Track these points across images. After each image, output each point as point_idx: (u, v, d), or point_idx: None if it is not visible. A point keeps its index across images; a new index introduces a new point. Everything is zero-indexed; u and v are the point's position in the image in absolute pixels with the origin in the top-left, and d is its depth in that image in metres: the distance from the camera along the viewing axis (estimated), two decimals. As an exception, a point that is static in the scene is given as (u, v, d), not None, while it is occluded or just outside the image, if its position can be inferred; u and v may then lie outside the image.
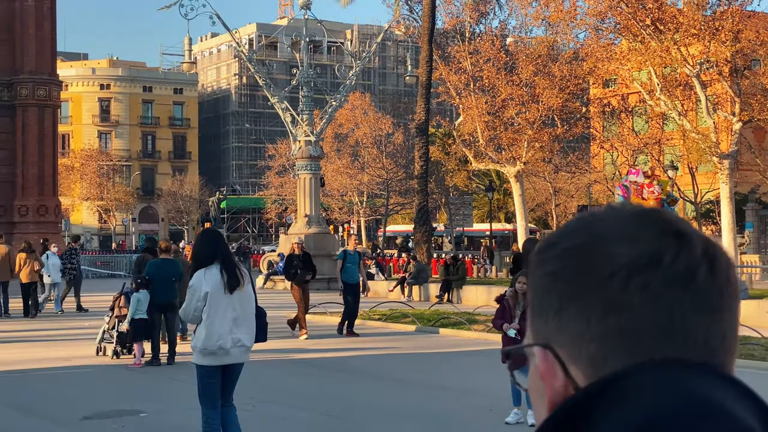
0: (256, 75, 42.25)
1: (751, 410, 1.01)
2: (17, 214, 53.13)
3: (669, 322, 1.04)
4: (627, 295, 1.04)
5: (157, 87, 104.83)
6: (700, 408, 0.98)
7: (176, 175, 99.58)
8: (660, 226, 1.08)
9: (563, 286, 1.08)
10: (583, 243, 1.09)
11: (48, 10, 53.94)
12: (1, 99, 53.48)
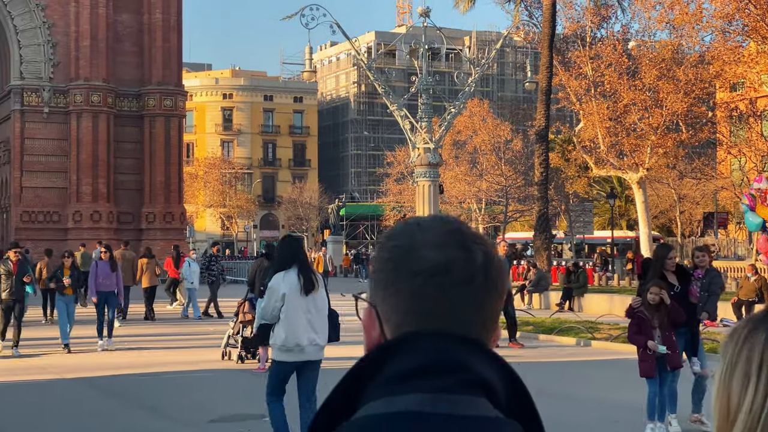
0: (375, 83, 42.50)
1: (494, 370, 1.56)
2: (144, 221, 54.71)
3: (449, 310, 1.57)
4: (426, 288, 1.56)
5: (277, 96, 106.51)
6: (447, 360, 1.52)
7: (296, 183, 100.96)
8: (458, 240, 1.60)
9: (389, 272, 1.60)
10: (405, 245, 1.60)
11: (175, 23, 55.43)
12: (129, 109, 55.18)
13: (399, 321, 1.60)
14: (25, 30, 53.07)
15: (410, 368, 1.52)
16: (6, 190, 56.01)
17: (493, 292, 1.62)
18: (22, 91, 53.10)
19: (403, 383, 1.51)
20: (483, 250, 1.62)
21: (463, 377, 1.53)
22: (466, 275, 1.58)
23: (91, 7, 53.09)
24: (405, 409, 1.48)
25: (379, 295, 1.63)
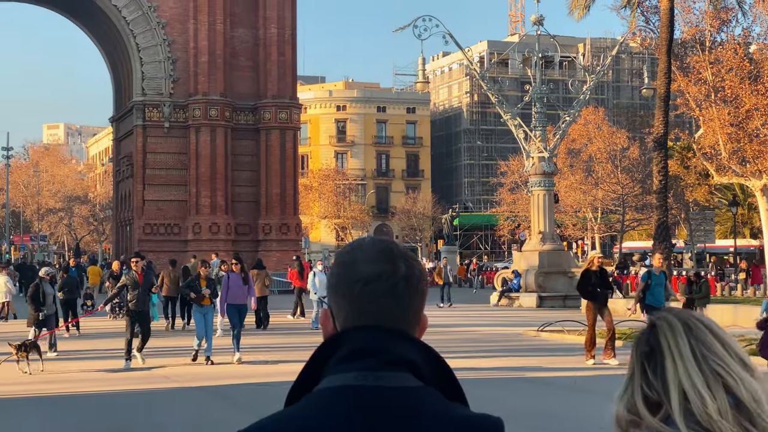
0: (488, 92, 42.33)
1: (417, 351, 2.11)
2: (261, 232, 55.60)
3: (379, 309, 2.10)
4: (362, 293, 2.10)
5: (390, 107, 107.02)
6: (375, 346, 2.07)
7: (409, 193, 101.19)
8: (386, 257, 2.13)
9: (338, 280, 2.14)
10: (349, 260, 2.15)
11: (289, 37, 56.26)
12: (246, 122, 56.19)
13: (344, 318, 2.16)
14: (147, 48, 54.61)
15: (349, 353, 2.10)
16: (129, 203, 57.66)
17: (414, 295, 2.18)
18: (144, 107, 54.63)
19: (345, 364, 2.09)
20: (405, 264, 2.17)
21: (386, 358, 2.10)
22: (391, 283, 2.14)
23: (209, 24, 54.32)
24: (344, 383, 2.07)
25: (332, 299, 2.19)
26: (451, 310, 37.23)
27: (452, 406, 2.14)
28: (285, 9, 56.10)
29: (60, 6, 61.12)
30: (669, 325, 2.32)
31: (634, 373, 2.32)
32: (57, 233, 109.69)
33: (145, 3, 54.23)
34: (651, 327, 2.33)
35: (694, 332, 2.30)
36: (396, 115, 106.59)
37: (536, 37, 40.27)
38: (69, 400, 16.06)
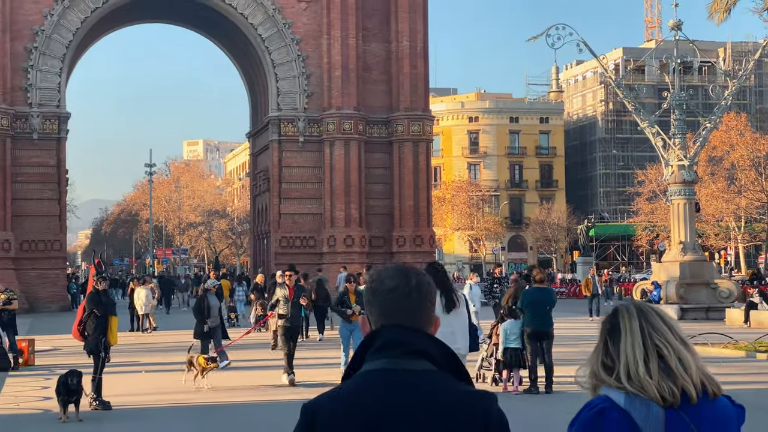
0: (624, 100, 41.46)
1: (431, 343, 3.03)
2: (395, 244, 55.78)
3: (399, 312, 3.05)
4: (386, 301, 3.07)
5: (523, 117, 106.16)
6: (397, 339, 3.00)
7: (543, 204, 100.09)
8: (402, 273, 3.11)
9: (371, 294, 3.12)
10: (377, 278, 3.13)
11: (421, 50, 56.38)
12: (379, 135, 56.53)
13: (376, 320, 3.14)
14: (282, 64, 55.60)
15: (380, 345, 3.04)
16: (266, 217, 58.72)
17: (424, 301, 3.13)
18: (279, 122, 55.59)
19: (377, 353, 3.04)
20: (416, 279, 3.13)
21: (407, 349, 3.02)
22: (406, 290, 3.11)
23: (341, 39, 54.93)
24: (376, 368, 3.02)
25: (367, 308, 3.18)
26: (593, 322, 36.44)
27: (458, 383, 3.06)
28: (417, 22, 56.27)
29: (199, 26, 62.86)
30: (627, 310, 3.28)
31: (599, 344, 3.29)
32: (197, 247, 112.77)
33: (280, 20, 55.24)
34: (615, 311, 3.31)
35: (646, 316, 3.25)
36: (529, 125, 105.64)
37: (674, 43, 39.24)
38: (221, 410, 16.34)
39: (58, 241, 52.57)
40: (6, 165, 50.56)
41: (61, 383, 15.02)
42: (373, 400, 2.97)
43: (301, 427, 3.05)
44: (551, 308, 17.13)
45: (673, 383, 3.13)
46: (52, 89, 52.39)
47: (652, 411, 3.13)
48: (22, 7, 52.00)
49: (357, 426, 2.97)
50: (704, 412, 3.13)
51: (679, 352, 3.17)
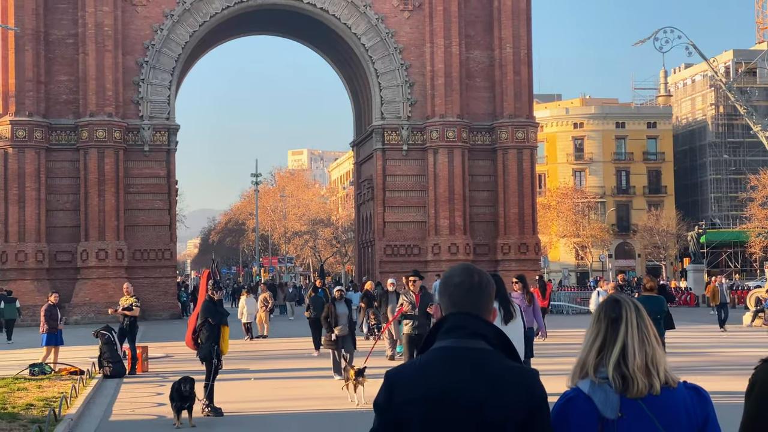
0: (735, 103, 40.53)
1: (488, 328, 3.88)
2: (500, 252, 55.46)
3: (465, 301, 3.91)
4: (454, 293, 3.94)
5: (629, 122, 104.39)
6: (462, 324, 3.86)
7: (651, 210, 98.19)
8: (467, 271, 3.98)
9: (442, 287, 4.00)
10: (447, 275, 4.02)
11: (524, 56, 55.99)
12: (482, 143, 56.31)
13: (445, 308, 3.95)
14: (385, 73, 55.89)
15: (447, 328, 3.86)
16: (370, 225, 59.04)
17: (484, 294, 3.94)
18: (383, 131, 55.85)
19: (445, 334, 3.85)
20: (478, 275, 3.96)
21: (468, 331, 3.83)
22: (469, 285, 3.92)
23: (444, 47, 54.93)
24: (444, 345, 3.82)
25: (439, 298, 4.00)
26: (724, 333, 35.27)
27: (508, 360, 3.84)
28: (520, 29, 55.92)
29: (303, 36, 63.64)
30: (628, 304, 3.95)
31: (598, 330, 3.96)
32: (303, 255, 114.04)
33: (383, 29, 55.55)
34: (617, 302, 3.98)
35: (640, 312, 3.95)
36: (636, 131, 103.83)
37: (788, 43, 38.08)
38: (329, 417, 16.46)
39: (168, 250, 53.80)
40: (119, 177, 52.00)
41: (174, 390, 15.34)
42: (440, 370, 3.80)
43: (384, 390, 3.87)
44: (662, 317, 16.75)
45: (646, 377, 3.83)
46: (162, 102, 53.69)
47: (609, 396, 3.85)
48: (133, 23, 53.46)
49: (426, 389, 3.77)
50: (664, 401, 3.83)
51: (654, 349, 3.88)
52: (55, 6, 52.79)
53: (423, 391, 3.77)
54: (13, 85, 51.13)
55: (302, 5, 55.34)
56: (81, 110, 52.14)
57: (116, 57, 52.25)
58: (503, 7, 55.71)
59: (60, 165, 52.41)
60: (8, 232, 51.32)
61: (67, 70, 52.78)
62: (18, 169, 51.12)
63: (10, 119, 51.00)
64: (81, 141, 51.88)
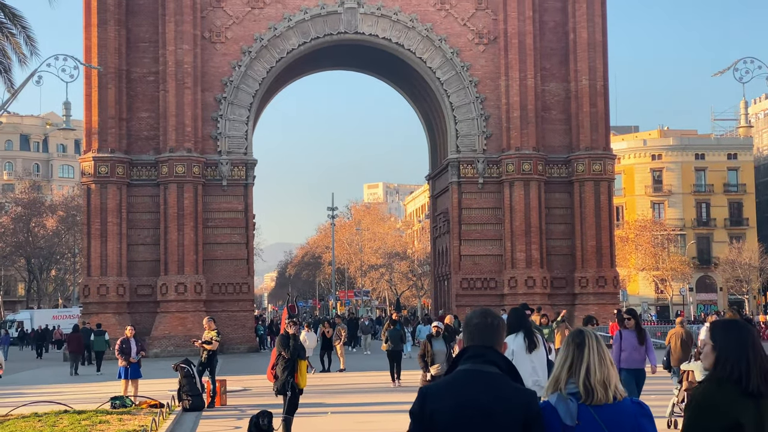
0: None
1: (499, 358, 5.34)
2: (578, 285, 54.83)
3: (482, 337, 5.40)
4: (474, 330, 5.43)
5: (709, 154, 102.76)
6: (478, 353, 5.32)
7: (733, 243, 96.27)
8: (483, 313, 5.51)
9: (464, 327, 5.53)
10: (468, 317, 5.56)
11: (600, 88, 55.57)
12: (559, 175, 55.89)
13: (466, 341, 5.41)
14: (460, 106, 55.95)
15: (468, 356, 5.29)
16: (446, 259, 58.89)
17: (496, 332, 5.41)
18: (459, 164, 55.81)
19: (466, 360, 5.27)
20: (491, 317, 5.46)
21: (484, 359, 5.25)
22: (484, 325, 5.40)
23: (520, 80, 54.82)
24: (464, 368, 5.24)
25: (462, 334, 5.54)
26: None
27: (514, 383, 5.19)
28: (596, 61, 55.56)
29: (378, 71, 64.09)
30: (589, 334, 5.31)
31: (568, 355, 5.25)
32: (378, 289, 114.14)
33: (458, 63, 55.68)
34: (581, 332, 5.34)
35: (598, 339, 5.30)
36: (716, 162, 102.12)
37: None
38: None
39: (246, 284, 54.33)
40: (198, 211, 52.79)
41: (252, 423, 15.43)
42: (462, 387, 5.15)
43: (418, 401, 5.18)
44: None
45: (603, 389, 5.12)
46: (239, 137, 54.47)
47: (569, 406, 5.11)
48: (211, 60, 54.45)
49: (451, 401, 5.10)
50: (613, 409, 5.10)
51: (609, 369, 5.20)
52: (137, 45, 54.06)
53: (449, 401, 5.11)
54: (96, 122, 52.39)
55: (378, 40, 55.80)
56: (161, 146, 53.17)
57: (195, 93, 53.24)
58: (579, 40, 55.45)
59: (141, 200, 53.43)
60: (91, 266, 52.41)
61: (148, 107, 53.93)
62: (100, 204, 52.25)
63: (93, 156, 52.21)
64: (161, 176, 52.85)
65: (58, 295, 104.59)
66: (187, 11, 53.08)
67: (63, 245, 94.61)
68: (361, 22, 55.47)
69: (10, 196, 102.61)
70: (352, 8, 55.28)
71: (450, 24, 55.93)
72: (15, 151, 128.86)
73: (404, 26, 55.56)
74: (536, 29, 55.35)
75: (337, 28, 55.37)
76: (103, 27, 52.55)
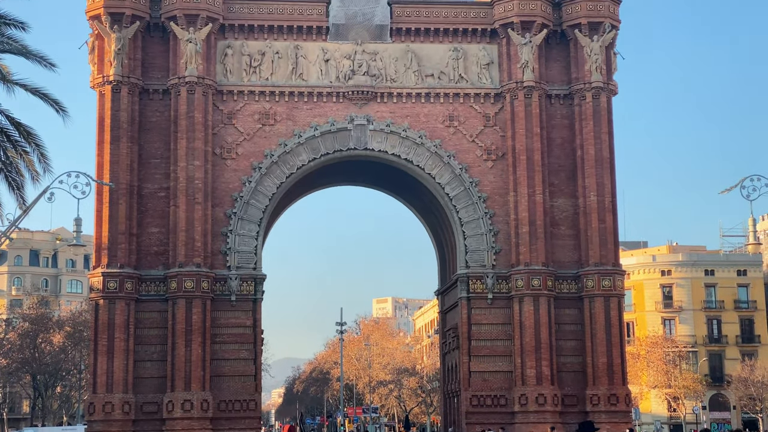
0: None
1: None
2: (589, 403, 53.97)
3: None
4: None
5: (719, 270, 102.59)
6: None
7: (746, 360, 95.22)
8: None
9: None
10: None
11: (609, 204, 55.77)
12: (568, 291, 55.62)
13: None
14: (469, 221, 56.11)
15: None
16: (456, 375, 58.20)
17: None
18: (468, 279, 55.63)
19: None
20: None
21: None
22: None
23: (528, 195, 55.08)
24: None
25: None
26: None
27: None
28: (604, 176, 55.89)
29: (386, 186, 64.53)
30: None
31: None
32: (387, 405, 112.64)
33: (467, 179, 56.06)
34: None
35: None
36: (725, 278, 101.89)
37: None
38: None
39: (253, 401, 53.62)
40: (206, 327, 52.45)
41: None
42: None
43: None
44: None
45: None
46: (249, 252, 54.54)
47: None
48: (222, 176, 54.94)
49: None
50: None
51: None
52: (149, 161, 54.66)
53: None
54: (106, 238, 52.59)
55: (387, 156, 56.35)
56: (170, 261, 53.21)
57: (205, 209, 53.56)
58: (586, 156, 55.91)
59: (149, 315, 53.20)
60: (96, 383, 51.84)
61: (158, 222, 54.20)
62: (108, 320, 52.00)
63: (102, 271, 52.23)
64: (170, 291, 52.75)
65: (63, 413, 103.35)
66: (198, 128, 53.82)
67: (69, 361, 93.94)
68: (370, 139, 56.13)
69: (17, 311, 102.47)
70: (361, 125, 56.02)
71: (459, 140, 56.53)
72: (24, 267, 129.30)
73: (413, 142, 56.17)
74: (544, 146, 55.88)
75: (346, 144, 56.00)
76: (116, 144, 53.23)
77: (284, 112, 55.86)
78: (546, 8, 56.53)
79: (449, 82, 56.85)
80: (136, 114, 54.13)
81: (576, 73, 56.82)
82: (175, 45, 54.73)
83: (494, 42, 57.18)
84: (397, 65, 56.78)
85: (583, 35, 56.37)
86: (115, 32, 53.51)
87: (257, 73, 56.05)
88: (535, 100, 55.76)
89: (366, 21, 56.63)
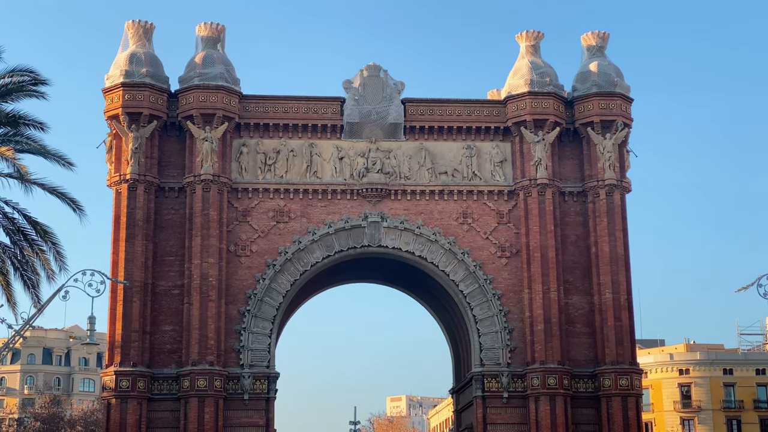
0: None
1: None
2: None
3: None
4: None
5: (737, 369, 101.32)
6: None
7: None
8: None
9: None
10: None
11: (625, 301, 55.37)
12: (585, 390, 54.88)
13: None
14: (484, 319, 55.75)
15: None
16: (471, 477, 57.07)
17: None
18: (483, 378, 55.02)
19: None
20: None
21: None
22: None
23: (543, 293, 54.80)
24: None
25: None
26: None
27: None
28: (619, 274, 55.64)
29: (399, 283, 64.40)
30: None
31: None
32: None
33: (481, 276, 55.90)
34: None
35: None
36: (744, 378, 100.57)
37: None
38: None
39: (265, 503, 52.63)
40: (218, 426, 51.77)
41: None
42: None
43: None
44: None
45: None
46: (262, 350, 54.17)
47: None
48: (236, 273, 54.93)
49: None
50: None
51: None
52: (163, 258, 54.75)
53: None
54: (119, 336, 52.36)
55: (401, 254, 56.34)
56: (183, 359, 52.87)
57: (219, 306, 53.43)
58: (601, 254, 55.76)
59: (161, 414, 52.62)
60: (107, 483, 51.04)
61: (172, 320, 54.03)
62: (120, 420, 51.43)
63: (115, 370, 51.87)
64: (182, 390, 52.25)
65: None
66: (213, 226, 54.04)
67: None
68: (384, 236, 56.21)
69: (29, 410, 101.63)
70: (375, 222, 56.16)
71: (473, 237, 56.55)
72: (37, 365, 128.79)
73: (427, 239, 56.20)
74: (558, 243, 55.81)
75: (360, 242, 56.07)
76: (131, 242, 53.41)
77: (299, 210, 56.12)
78: (558, 107, 57.08)
79: (463, 179, 57.14)
80: (151, 212, 54.45)
81: (589, 171, 57.05)
82: (191, 143, 55.32)
83: (507, 140, 57.63)
84: (410, 163, 57.17)
85: (595, 133, 56.75)
86: (133, 131, 54.18)
87: (272, 171, 56.48)
88: (548, 198, 55.91)
89: (380, 119, 57.24)
